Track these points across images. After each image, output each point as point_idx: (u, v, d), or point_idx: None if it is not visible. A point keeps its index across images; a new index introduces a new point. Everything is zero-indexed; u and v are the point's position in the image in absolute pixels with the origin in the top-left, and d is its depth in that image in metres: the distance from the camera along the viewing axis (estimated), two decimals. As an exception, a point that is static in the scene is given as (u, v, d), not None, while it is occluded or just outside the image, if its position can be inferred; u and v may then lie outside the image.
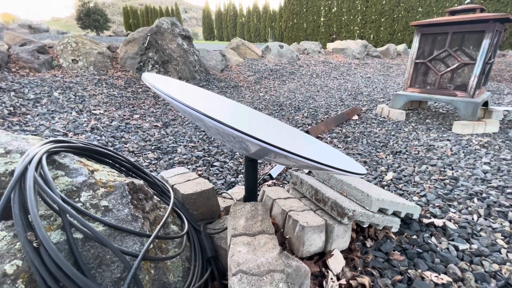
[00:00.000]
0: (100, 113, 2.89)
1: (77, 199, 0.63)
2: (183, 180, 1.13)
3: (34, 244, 0.47)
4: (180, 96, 0.70)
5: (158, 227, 0.67)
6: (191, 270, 0.76)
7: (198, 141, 2.42)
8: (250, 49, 6.55)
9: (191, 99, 0.90)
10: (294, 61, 6.73)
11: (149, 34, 4.29)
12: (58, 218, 0.57)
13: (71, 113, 2.76)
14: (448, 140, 2.41)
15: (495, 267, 1.00)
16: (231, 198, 1.23)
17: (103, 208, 0.64)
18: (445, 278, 0.95)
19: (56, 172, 0.66)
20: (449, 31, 2.66)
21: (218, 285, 0.81)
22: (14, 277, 0.47)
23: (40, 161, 0.60)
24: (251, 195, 1.03)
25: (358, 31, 13.88)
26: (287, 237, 1.06)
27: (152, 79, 0.77)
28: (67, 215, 0.54)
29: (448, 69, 2.83)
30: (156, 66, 4.27)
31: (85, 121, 2.63)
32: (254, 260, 0.66)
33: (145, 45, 4.25)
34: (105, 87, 3.59)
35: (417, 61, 2.95)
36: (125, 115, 2.94)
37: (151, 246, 0.67)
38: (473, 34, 2.73)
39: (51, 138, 0.75)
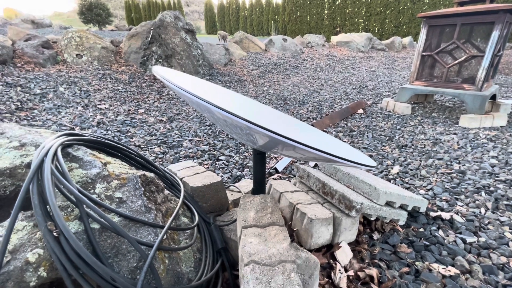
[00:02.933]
0: (105, 107, 2.91)
1: (92, 190, 0.64)
2: (192, 173, 1.14)
3: (55, 234, 0.49)
4: (189, 87, 0.70)
5: (171, 218, 0.68)
6: (202, 261, 0.77)
7: (203, 136, 2.43)
8: (254, 43, 6.50)
9: (199, 90, 0.90)
10: (298, 54, 6.66)
11: (152, 28, 4.27)
12: (75, 209, 0.58)
13: (77, 107, 2.78)
14: (455, 133, 2.39)
15: (503, 259, 1.01)
16: (239, 191, 1.24)
17: (117, 199, 0.65)
18: (452, 270, 0.96)
19: (71, 164, 0.67)
20: (457, 23, 2.61)
21: (228, 276, 0.83)
22: (36, 265, 0.48)
23: (55, 153, 0.62)
24: (259, 188, 1.04)
25: (362, 24, 13.65)
26: (295, 229, 1.07)
27: (161, 71, 0.77)
28: (84, 206, 0.56)
29: (456, 61, 2.78)
30: (159, 60, 4.27)
31: (91, 115, 2.64)
32: (265, 251, 0.67)
33: (149, 39, 4.23)
34: (110, 81, 3.60)
35: (424, 53, 2.91)
36: (130, 110, 2.95)
37: (165, 237, 0.68)
38: (482, 25, 2.67)
39: (64, 132, 0.76)
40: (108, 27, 20.25)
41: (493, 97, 2.80)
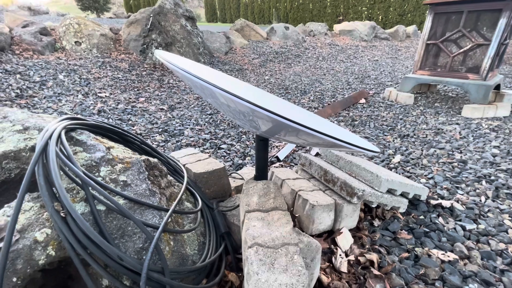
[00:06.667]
0: (106, 96, 2.89)
1: (97, 173, 0.64)
2: (194, 160, 1.14)
3: (62, 214, 0.49)
4: (193, 70, 0.69)
5: (176, 201, 0.68)
6: (206, 245, 0.79)
7: (205, 124, 2.42)
8: (255, 31, 6.38)
9: (203, 74, 0.90)
10: (300, 43, 6.55)
11: (151, 15, 4.19)
12: (80, 191, 0.59)
13: (77, 96, 2.76)
14: (457, 123, 2.38)
15: (502, 246, 1.02)
16: (241, 178, 1.25)
17: (122, 182, 0.65)
18: (451, 256, 0.98)
19: (75, 148, 0.67)
20: (464, 10, 2.55)
21: (232, 259, 0.84)
22: (44, 244, 0.49)
23: (59, 136, 0.61)
24: (262, 175, 1.04)
25: (366, 12, 13.35)
26: (296, 215, 1.08)
27: (165, 54, 0.76)
28: (90, 188, 0.56)
29: (461, 50, 2.74)
30: (159, 48, 4.20)
31: (91, 103, 2.63)
32: (268, 234, 0.68)
33: (148, 27, 4.16)
34: (109, 70, 3.57)
35: (429, 42, 2.86)
36: (130, 98, 2.93)
37: (169, 220, 0.69)
38: (489, 13, 2.61)
39: (67, 116, 0.75)
40: (106, 14, 19.84)
41: (497, 87, 2.77)
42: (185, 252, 0.69)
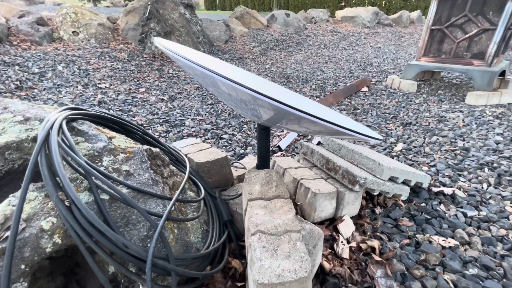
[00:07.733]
0: (105, 86, 2.87)
1: (99, 163, 0.64)
2: (196, 150, 1.14)
3: (66, 203, 0.50)
4: (194, 58, 0.68)
5: (179, 189, 0.69)
6: (209, 232, 0.80)
7: (206, 114, 2.41)
8: (255, 18, 6.24)
9: (205, 62, 0.88)
10: (301, 30, 6.42)
11: (149, 3, 4.09)
12: (83, 181, 0.59)
13: (77, 87, 2.74)
14: (461, 111, 2.35)
15: (503, 232, 1.03)
16: (243, 168, 1.25)
17: (124, 172, 0.65)
18: (452, 242, 0.99)
19: (76, 138, 0.67)
20: (471, -7, 2.48)
21: (235, 246, 0.86)
22: (51, 232, 0.50)
23: (61, 126, 0.61)
24: (264, 164, 1.04)
25: (369, -3, 12.98)
26: (298, 203, 1.09)
27: (164, 42, 0.75)
28: (93, 177, 0.56)
29: (467, 35, 2.67)
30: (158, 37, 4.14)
31: (91, 95, 2.62)
32: (271, 222, 0.69)
33: (146, 15, 4.07)
34: (108, 60, 3.52)
35: (434, 27, 2.79)
36: (130, 89, 2.91)
37: (173, 208, 0.69)
38: (496, -4, 2.53)
39: (67, 106, 0.75)
40: (103, 3, 19.43)
41: (502, 73, 2.72)
42: (189, 240, 0.70)
